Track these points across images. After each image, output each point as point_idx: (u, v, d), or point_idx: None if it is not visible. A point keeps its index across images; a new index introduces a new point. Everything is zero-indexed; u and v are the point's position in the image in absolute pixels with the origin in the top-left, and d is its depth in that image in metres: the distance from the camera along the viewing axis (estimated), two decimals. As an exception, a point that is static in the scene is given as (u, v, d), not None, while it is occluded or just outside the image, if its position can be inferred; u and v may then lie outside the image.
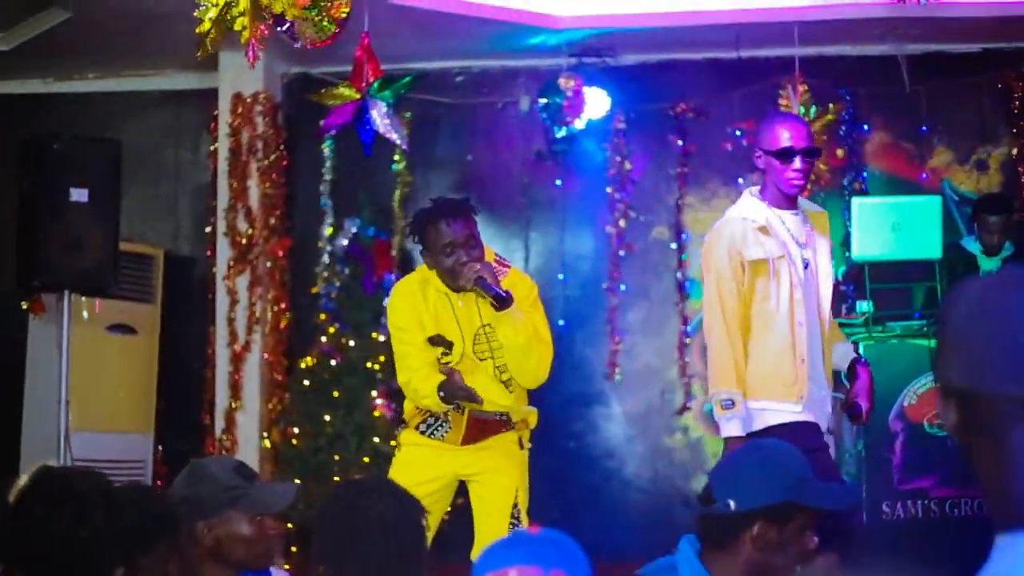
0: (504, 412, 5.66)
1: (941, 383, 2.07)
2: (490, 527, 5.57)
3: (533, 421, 5.88)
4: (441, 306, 5.59)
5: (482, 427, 5.68)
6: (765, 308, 5.36)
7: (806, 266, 5.45)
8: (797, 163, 5.37)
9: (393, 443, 5.94)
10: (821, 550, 3.33)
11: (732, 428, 5.29)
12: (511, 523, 5.62)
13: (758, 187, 5.55)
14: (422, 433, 5.68)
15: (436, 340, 5.58)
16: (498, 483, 5.68)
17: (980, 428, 2.03)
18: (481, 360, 5.60)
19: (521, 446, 5.80)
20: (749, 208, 5.48)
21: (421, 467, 5.62)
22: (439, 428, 5.66)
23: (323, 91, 7.58)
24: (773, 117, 5.83)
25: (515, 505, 5.66)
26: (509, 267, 5.74)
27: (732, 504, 3.28)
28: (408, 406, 5.78)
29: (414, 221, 5.68)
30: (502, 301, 5.38)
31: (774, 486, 3.28)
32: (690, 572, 3.33)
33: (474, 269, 5.39)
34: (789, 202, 5.49)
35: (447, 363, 5.55)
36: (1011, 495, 1.98)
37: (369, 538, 3.26)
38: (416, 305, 5.61)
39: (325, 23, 5.99)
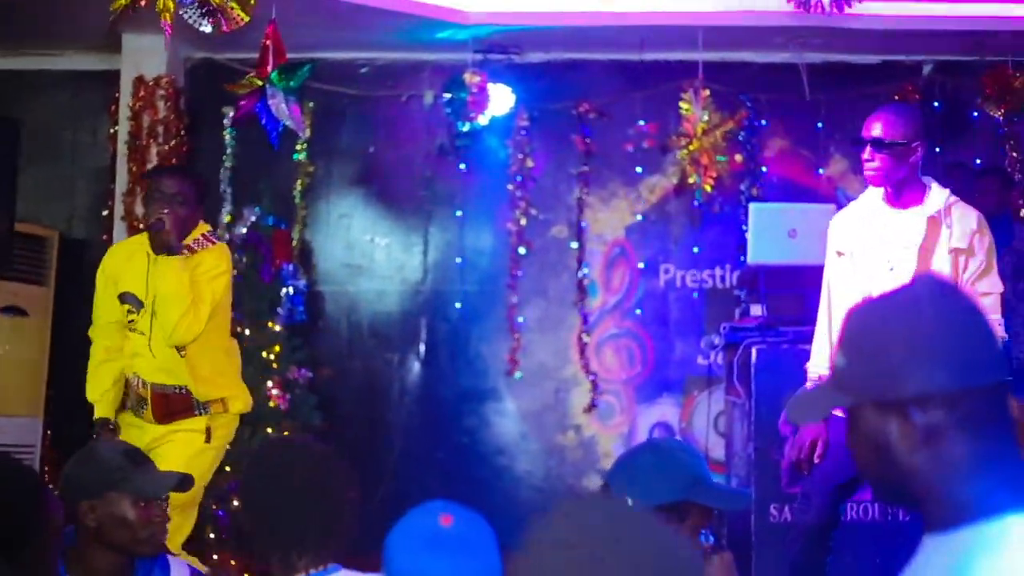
0: (182, 387, 5.69)
1: (910, 393, 2.11)
2: None
3: (236, 407, 5.83)
4: (139, 265, 5.72)
5: (167, 403, 5.69)
6: (840, 299, 5.51)
7: (892, 268, 5.42)
8: (866, 153, 5.38)
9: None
10: (716, 549, 3.38)
11: None
12: None
13: None
14: (133, 412, 5.79)
15: (125, 297, 5.73)
16: (179, 448, 5.68)
17: (936, 435, 2.09)
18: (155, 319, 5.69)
19: (208, 438, 5.73)
20: (859, 200, 5.62)
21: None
22: (141, 407, 5.74)
23: (238, 81, 7.49)
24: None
25: None
26: (215, 243, 5.85)
27: (629, 501, 3.32)
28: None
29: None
30: (169, 248, 5.53)
31: (670, 484, 3.33)
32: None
33: (157, 213, 5.59)
34: (903, 199, 5.45)
35: (132, 321, 5.71)
36: (947, 497, 2.07)
37: (293, 501, 3.22)
38: (116, 262, 5.83)
39: (238, 11, 5.98)
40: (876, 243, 5.43)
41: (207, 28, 6.24)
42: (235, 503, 8.19)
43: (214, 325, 5.73)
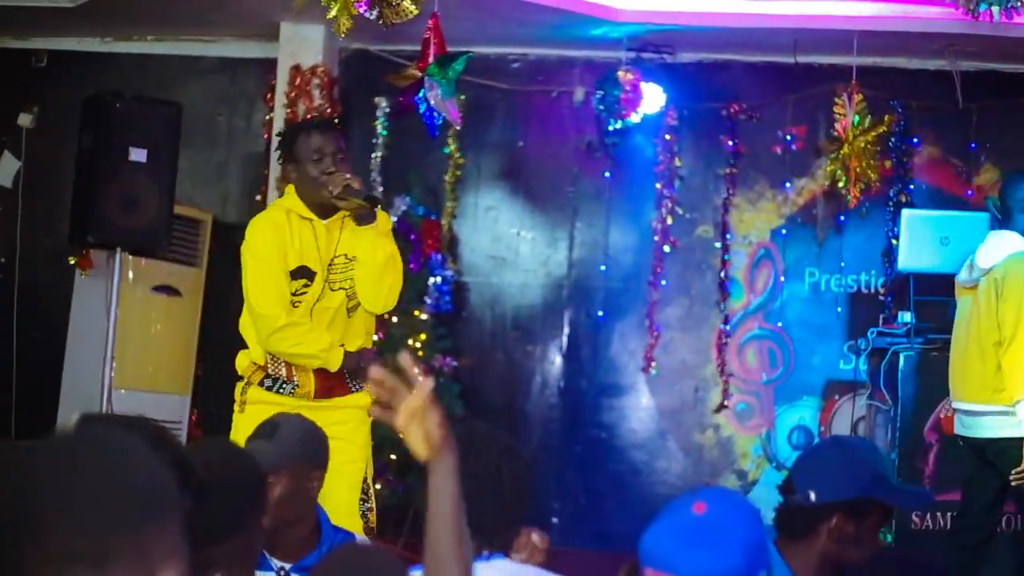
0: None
1: None
2: (338, 503, 5.08)
3: None
4: (304, 233, 5.41)
5: (328, 378, 5.39)
6: None
7: None
8: None
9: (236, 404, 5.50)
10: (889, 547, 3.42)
11: None
12: (361, 500, 5.34)
13: None
14: (268, 390, 5.40)
15: (299, 272, 5.39)
16: (348, 453, 5.29)
17: None
18: (333, 290, 5.42)
19: (369, 412, 5.31)
20: None
21: None
22: (284, 385, 5.38)
23: (394, 72, 7.61)
24: None
25: (364, 480, 5.36)
26: None
27: (812, 495, 3.36)
28: (243, 361, 5.48)
29: (283, 135, 5.60)
30: (375, 202, 5.30)
31: (855, 481, 3.36)
32: (766, 559, 3.41)
33: (344, 176, 5.31)
34: None
35: (304, 293, 5.36)
36: None
37: (476, 491, 3.25)
38: (283, 235, 5.41)
39: (408, 3, 6.10)
40: None
41: (377, 19, 6.37)
42: (378, 486, 8.32)
43: None
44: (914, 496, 3.63)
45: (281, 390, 5.38)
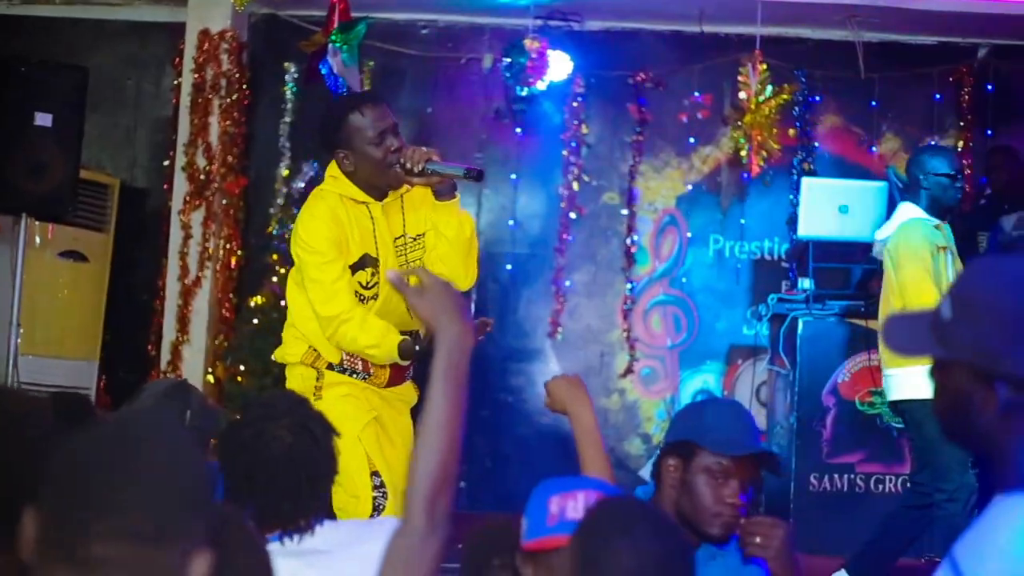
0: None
1: (1005, 370, 2.18)
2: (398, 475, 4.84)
3: None
4: (362, 219, 4.94)
5: (399, 368, 5.14)
6: None
7: None
8: None
9: (312, 389, 5.02)
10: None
11: None
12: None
13: None
14: (342, 372, 5.03)
15: (364, 262, 4.94)
16: (404, 425, 5.17)
17: (1015, 412, 2.18)
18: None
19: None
20: None
21: (361, 406, 4.98)
22: (356, 373, 5.04)
23: (302, 37, 7.64)
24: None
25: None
26: None
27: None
28: (299, 347, 5.07)
29: (330, 118, 4.95)
30: (480, 175, 4.87)
31: (681, 425, 3.51)
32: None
33: (422, 150, 4.83)
34: None
35: (374, 284, 4.92)
36: (1020, 465, 2.17)
37: (274, 472, 3.16)
38: (341, 227, 4.90)
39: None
40: None
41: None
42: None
43: None
44: (734, 443, 3.46)
45: (354, 375, 5.05)
